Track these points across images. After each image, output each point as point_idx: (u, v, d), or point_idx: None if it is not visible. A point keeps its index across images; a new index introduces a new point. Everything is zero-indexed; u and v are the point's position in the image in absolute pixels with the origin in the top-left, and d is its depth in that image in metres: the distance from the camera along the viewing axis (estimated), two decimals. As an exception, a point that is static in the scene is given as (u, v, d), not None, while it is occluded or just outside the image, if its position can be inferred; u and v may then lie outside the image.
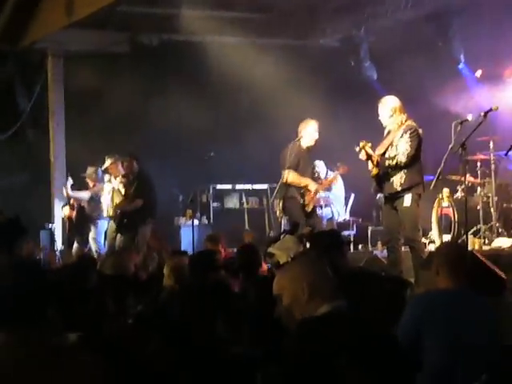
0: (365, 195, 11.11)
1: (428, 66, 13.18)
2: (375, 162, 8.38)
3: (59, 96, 14.90)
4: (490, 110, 8.05)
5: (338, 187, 13.09)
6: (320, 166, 13.19)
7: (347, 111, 13.77)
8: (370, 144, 8.44)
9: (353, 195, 13.05)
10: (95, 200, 12.65)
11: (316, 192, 9.96)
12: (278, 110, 13.72)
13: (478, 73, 11.66)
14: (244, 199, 14.24)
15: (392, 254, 8.47)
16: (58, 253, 13.60)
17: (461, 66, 13.31)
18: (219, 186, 14.21)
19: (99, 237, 12.57)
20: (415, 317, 4.20)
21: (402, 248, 8.52)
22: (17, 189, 15.38)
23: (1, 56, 14.76)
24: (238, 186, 14.30)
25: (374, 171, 8.43)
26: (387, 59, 13.84)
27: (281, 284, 3.65)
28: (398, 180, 8.28)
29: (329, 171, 13.15)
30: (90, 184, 12.93)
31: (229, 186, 14.34)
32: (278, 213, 12.72)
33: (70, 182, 12.79)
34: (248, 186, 14.27)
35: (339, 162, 11.24)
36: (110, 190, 11.81)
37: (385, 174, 8.37)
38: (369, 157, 8.38)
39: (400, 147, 8.26)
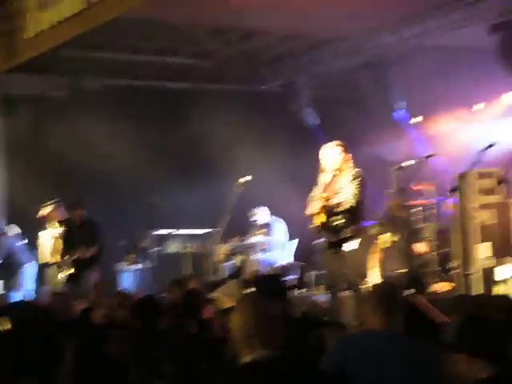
0: (308, 240, 11.13)
1: (366, 114, 13.44)
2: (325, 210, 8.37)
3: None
4: (430, 155, 8.17)
5: (278, 232, 13.13)
6: (259, 214, 13.11)
7: (289, 157, 13.92)
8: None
9: (297, 240, 13.07)
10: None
11: None
12: (219, 156, 13.81)
13: (414, 120, 11.86)
14: (187, 244, 14.12)
15: (334, 299, 8.51)
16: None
17: (398, 113, 13.61)
18: (161, 231, 14.11)
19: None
20: (339, 357, 4.29)
21: (346, 292, 8.55)
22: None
23: None
24: (180, 231, 14.20)
25: (323, 218, 8.41)
26: (327, 106, 14.09)
27: (229, 325, 3.66)
28: (345, 225, 8.30)
29: (273, 217, 13.16)
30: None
31: (170, 231, 14.24)
32: (220, 257, 12.79)
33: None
34: (190, 231, 14.18)
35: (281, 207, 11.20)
36: (52, 236, 11.79)
37: (331, 220, 8.35)
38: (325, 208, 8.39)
39: (348, 192, 8.26)
